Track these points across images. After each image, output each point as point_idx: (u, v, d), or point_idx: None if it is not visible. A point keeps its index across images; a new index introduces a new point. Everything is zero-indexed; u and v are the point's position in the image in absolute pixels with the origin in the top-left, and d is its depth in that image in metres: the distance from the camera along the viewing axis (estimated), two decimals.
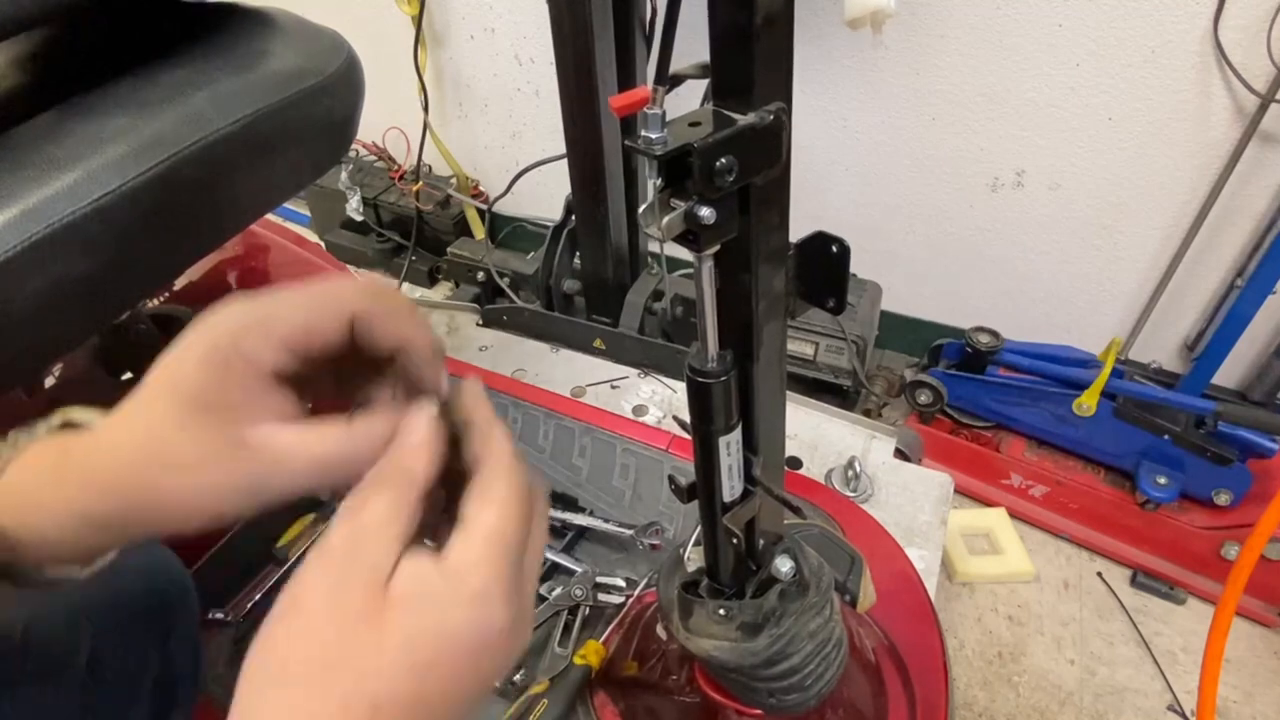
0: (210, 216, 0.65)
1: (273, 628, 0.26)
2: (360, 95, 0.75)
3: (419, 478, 0.28)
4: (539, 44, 1.50)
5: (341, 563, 0.26)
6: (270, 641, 0.26)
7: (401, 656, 0.25)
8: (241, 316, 0.29)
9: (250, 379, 0.28)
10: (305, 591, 0.26)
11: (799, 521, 0.71)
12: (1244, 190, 1.09)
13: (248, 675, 0.26)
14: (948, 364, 1.29)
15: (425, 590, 0.26)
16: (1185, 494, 1.12)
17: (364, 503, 0.27)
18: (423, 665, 0.26)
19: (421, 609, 0.26)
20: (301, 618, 0.26)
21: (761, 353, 0.39)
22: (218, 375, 0.28)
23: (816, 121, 1.31)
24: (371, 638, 0.25)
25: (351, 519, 0.27)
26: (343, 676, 0.25)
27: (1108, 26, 1.05)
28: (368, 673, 0.25)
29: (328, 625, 0.25)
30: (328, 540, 0.27)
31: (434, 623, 0.26)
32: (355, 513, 0.27)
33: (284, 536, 0.87)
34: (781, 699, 0.47)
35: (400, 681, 0.25)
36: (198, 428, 0.28)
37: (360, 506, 0.27)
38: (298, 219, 1.95)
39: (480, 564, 0.27)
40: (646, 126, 0.29)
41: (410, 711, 0.25)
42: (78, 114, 0.57)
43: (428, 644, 0.26)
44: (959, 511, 1.23)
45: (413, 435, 0.29)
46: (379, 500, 0.27)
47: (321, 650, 0.25)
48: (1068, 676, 1.05)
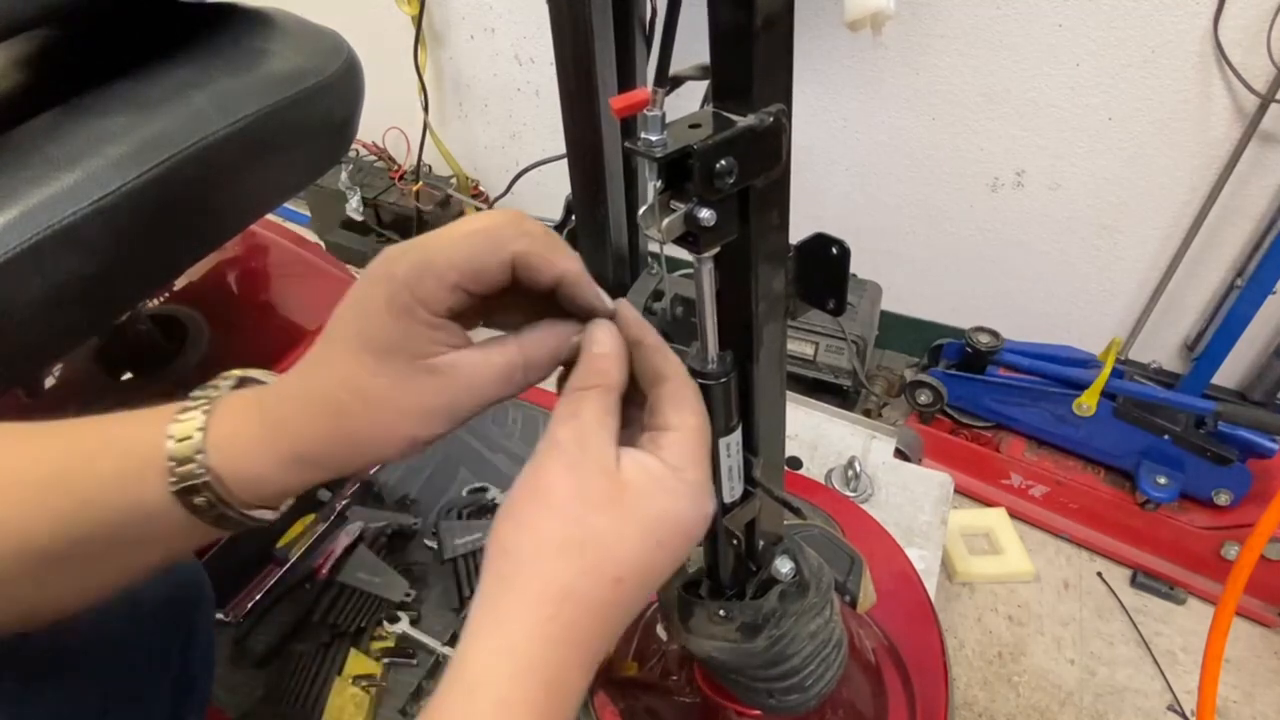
0: (210, 216, 0.65)
1: (520, 509, 0.30)
2: (360, 95, 0.75)
3: (616, 380, 0.32)
4: (539, 44, 1.50)
5: (574, 455, 0.30)
6: (519, 521, 0.30)
7: (639, 536, 0.30)
8: (413, 264, 0.30)
9: (428, 320, 0.31)
10: (546, 479, 0.30)
11: (799, 522, 0.71)
12: (1244, 190, 1.09)
13: (503, 549, 0.30)
14: (948, 364, 1.29)
15: (654, 480, 0.31)
16: (1185, 494, 1.12)
17: (579, 405, 0.31)
18: (654, 544, 0.30)
19: (654, 496, 0.31)
20: (548, 502, 0.30)
21: (762, 354, 0.39)
22: (401, 322, 0.30)
23: (816, 122, 1.31)
24: (614, 520, 0.30)
25: (572, 419, 0.31)
26: (591, 552, 0.29)
27: (1108, 26, 1.05)
28: (613, 549, 0.30)
29: (573, 508, 0.30)
30: (555, 436, 0.31)
31: (664, 508, 0.31)
32: (573, 414, 0.31)
33: (284, 537, 0.88)
34: (781, 699, 0.48)
35: (637, 556, 0.30)
36: (389, 370, 0.31)
37: (577, 408, 0.31)
38: (298, 219, 1.94)
39: (695, 461, 0.32)
40: (646, 128, 0.29)
41: (641, 581, 0.30)
42: (78, 114, 0.57)
43: (659, 526, 0.31)
44: (959, 511, 1.23)
45: (604, 344, 0.33)
46: (590, 402, 0.31)
47: (572, 529, 0.29)
48: (1068, 676, 1.05)
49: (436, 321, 0.31)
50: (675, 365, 0.34)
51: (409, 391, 0.31)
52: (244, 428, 0.32)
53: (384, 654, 0.78)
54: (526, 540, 0.30)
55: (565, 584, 0.29)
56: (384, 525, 0.89)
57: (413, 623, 0.81)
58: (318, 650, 0.79)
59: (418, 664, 0.78)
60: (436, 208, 1.69)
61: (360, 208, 1.73)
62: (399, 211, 1.74)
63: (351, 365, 0.31)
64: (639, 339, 0.34)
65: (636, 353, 0.34)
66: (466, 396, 0.32)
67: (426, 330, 0.30)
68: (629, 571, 0.30)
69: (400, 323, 0.30)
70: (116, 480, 0.32)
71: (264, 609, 0.82)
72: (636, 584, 0.30)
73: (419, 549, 0.89)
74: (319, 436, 0.32)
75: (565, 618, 0.29)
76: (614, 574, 0.29)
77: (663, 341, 0.34)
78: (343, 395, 0.31)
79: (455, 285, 0.30)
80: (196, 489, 0.32)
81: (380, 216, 1.78)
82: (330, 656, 0.78)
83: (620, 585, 0.30)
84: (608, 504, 0.30)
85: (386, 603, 0.82)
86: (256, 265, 1.11)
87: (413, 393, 0.31)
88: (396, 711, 0.74)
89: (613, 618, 0.30)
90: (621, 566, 0.30)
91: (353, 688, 0.75)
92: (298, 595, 0.83)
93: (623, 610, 0.31)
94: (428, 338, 0.31)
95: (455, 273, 0.30)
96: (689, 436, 0.32)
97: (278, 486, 0.33)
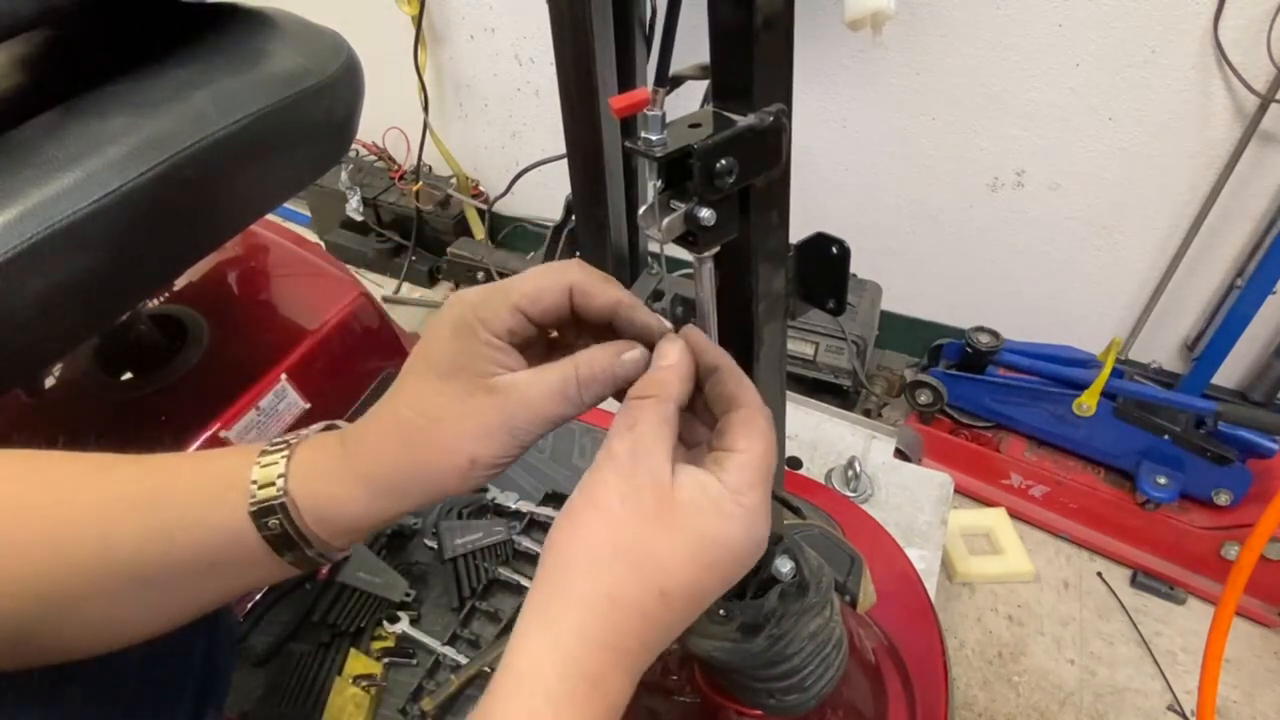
0: (210, 216, 0.65)
1: (575, 517, 0.31)
2: (360, 95, 0.75)
3: (675, 392, 0.33)
4: (539, 44, 1.50)
5: (629, 468, 0.31)
6: (574, 527, 0.31)
7: (690, 554, 0.30)
8: (479, 291, 0.33)
9: (489, 341, 0.33)
10: (602, 492, 0.31)
11: (799, 522, 0.71)
12: (1244, 190, 1.09)
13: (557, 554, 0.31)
14: (948, 364, 1.29)
15: (710, 501, 0.31)
16: (1185, 494, 1.12)
17: (636, 415, 0.32)
18: (704, 564, 0.31)
19: (707, 516, 0.31)
20: (602, 514, 0.31)
21: (762, 353, 0.39)
22: (464, 343, 0.33)
23: (816, 122, 1.31)
24: (665, 536, 0.30)
25: (628, 430, 0.31)
26: (641, 562, 0.30)
27: (1108, 26, 1.05)
28: (663, 564, 0.30)
29: (625, 518, 0.30)
30: (611, 447, 0.31)
31: (716, 530, 0.31)
32: (630, 425, 0.32)
33: None
34: (781, 699, 0.47)
35: (686, 575, 0.30)
36: (452, 389, 0.32)
37: (634, 419, 0.32)
38: (298, 219, 1.95)
39: (754, 486, 0.32)
40: (646, 128, 0.29)
41: (688, 600, 0.31)
42: (78, 114, 0.57)
43: (710, 547, 0.31)
44: (959, 511, 1.23)
45: (669, 357, 0.33)
46: (647, 412, 0.32)
47: (622, 537, 0.30)
48: (1068, 676, 1.05)
49: (497, 343, 0.33)
50: (750, 392, 0.34)
51: (469, 410, 0.32)
52: (323, 457, 0.35)
53: (384, 654, 0.78)
54: (580, 547, 0.30)
55: (613, 589, 0.30)
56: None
57: (413, 623, 0.81)
58: (318, 650, 0.79)
59: (418, 664, 0.78)
60: (436, 208, 1.69)
61: (360, 208, 1.73)
62: (399, 211, 1.74)
63: (419, 387, 0.33)
64: (714, 364, 0.34)
65: (713, 378, 0.34)
66: (523, 413, 0.32)
67: (487, 351, 0.32)
68: (676, 586, 0.30)
69: (463, 343, 0.33)
70: (201, 499, 0.34)
71: (264, 609, 0.82)
72: (683, 601, 0.31)
73: (419, 549, 0.89)
74: (386, 458, 0.33)
75: (610, 621, 0.29)
76: (660, 586, 0.30)
77: (738, 368, 0.35)
78: (409, 415, 0.33)
79: (515, 307, 0.33)
80: (272, 510, 0.33)
81: (380, 216, 1.78)
82: (330, 656, 0.78)
83: (666, 599, 0.30)
84: (660, 516, 0.30)
85: (386, 603, 0.82)
86: (256, 265, 1.11)
87: (472, 411, 0.32)
88: (396, 711, 0.74)
89: (657, 630, 0.31)
90: (669, 580, 0.30)
91: (353, 688, 0.75)
92: (298, 595, 0.83)
93: (666, 626, 0.31)
94: (488, 358, 0.33)
95: (516, 293, 0.33)
96: (752, 461, 0.32)
97: (350, 515, 0.34)
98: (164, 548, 0.33)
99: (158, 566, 0.33)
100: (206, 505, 0.34)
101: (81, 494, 0.34)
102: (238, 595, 0.37)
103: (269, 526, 0.33)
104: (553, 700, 0.28)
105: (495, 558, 0.85)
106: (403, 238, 1.77)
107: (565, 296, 0.34)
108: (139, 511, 0.33)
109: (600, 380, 0.33)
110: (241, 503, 0.33)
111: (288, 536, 0.34)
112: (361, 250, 1.80)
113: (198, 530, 0.34)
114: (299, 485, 0.34)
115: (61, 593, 0.33)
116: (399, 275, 1.76)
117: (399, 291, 1.75)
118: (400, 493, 0.34)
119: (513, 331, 0.33)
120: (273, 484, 0.33)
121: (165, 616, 0.36)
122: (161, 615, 0.36)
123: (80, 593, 0.33)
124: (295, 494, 0.34)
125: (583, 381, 0.33)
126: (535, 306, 0.33)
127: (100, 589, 0.33)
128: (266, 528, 0.33)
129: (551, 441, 0.99)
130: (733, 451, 0.33)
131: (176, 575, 0.34)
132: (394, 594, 0.83)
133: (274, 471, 0.34)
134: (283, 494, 0.33)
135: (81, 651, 0.36)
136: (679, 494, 0.31)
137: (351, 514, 0.34)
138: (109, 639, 0.36)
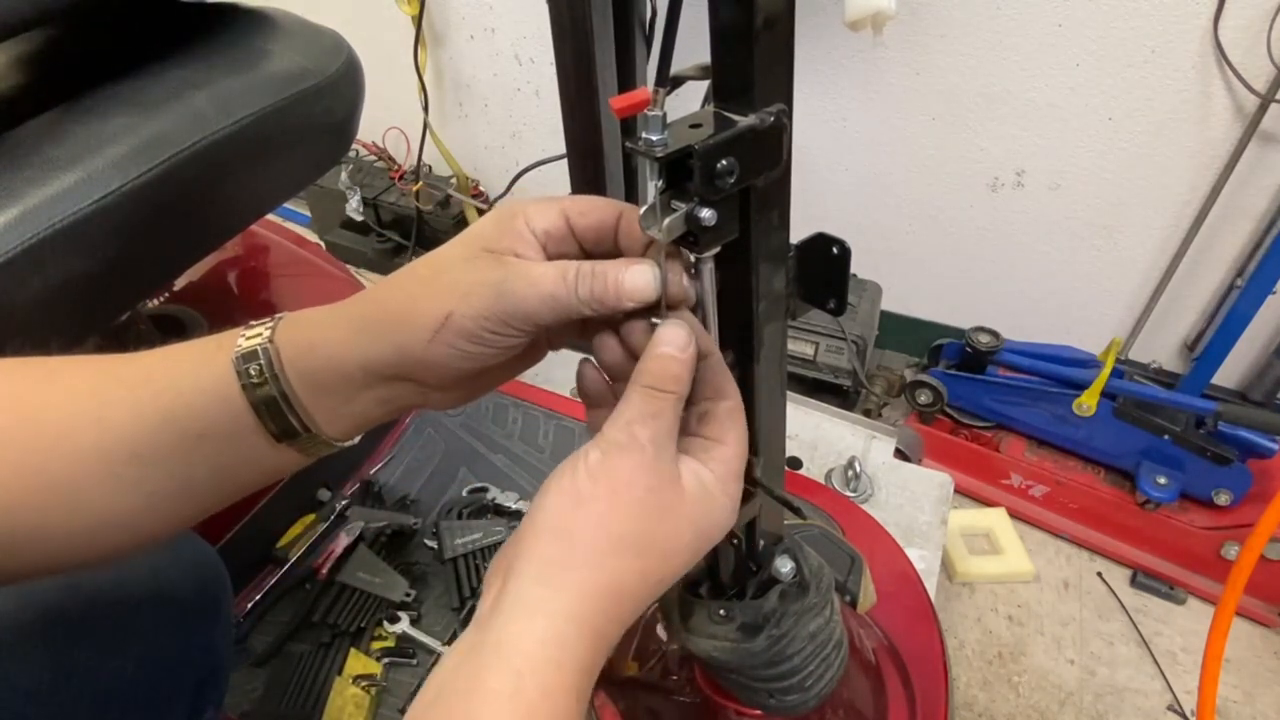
0: (210, 216, 0.65)
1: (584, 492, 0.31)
2: (360, 95, 0.75)
3: (687, 390, 0.33)
4: (539, 44, 1.50)
5: (652, 457, 0.31)
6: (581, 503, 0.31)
7: (690, 545, 0.33)
8: (537, 197, 0.35)
9: (523, 230, 0.33)
10: (623, 474, 0.31)
11: (799, 522, 0.71)
12: (1244, 190, 1.09)
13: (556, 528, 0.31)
14: (948, 364, 1.29)
15: (708, 495, 0.33)
16: (1185, 494, 1.12)
17: (661, 407, 0.32)
18: (694, 552, 0.33)
19: (707, 509, 0.33)
20: (624, 501, 0.31)
21: (762, 353, 0.39)
22: (502, 226, 0.34)
23: (816, 122, 1.31)
24: (676, 527, 0.32)
25: (653, 420, 0.32)
26: (652, 555, 0.31)
27: (1108, 26, 1.05)
28: (669, 555, 0.32)
29: (645, 509, 0.31)
30: (634, 434, 0.32)
31: (708, 519, 0.33)
32: (655, 415, 0.32)
33: (284, 537, 0.88)
34: (781, 699, 0.47)
35: (684, 558, 0.33)
36: (466, 253, 0.33)
37: (659, 410, 0.32)
38: (298, 219, 1.94)
39: (737, 477, 0.35)
40: (647, 128, 0.29)
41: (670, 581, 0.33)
42: (78, 114, 0.57)
43: (704, 534, 0.33)
44: (959, 511, 1.23)
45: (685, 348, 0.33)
46: (670, 408, 0.32)
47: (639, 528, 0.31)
48: (1068, 676, 1.05)
49: (528, 235, 0.33)
50: (732, 384, 0.36)
51: (468, 269, 0.33)
52: (317, 311, 0.35)
53: (384, 654, 0.78)
54: (590, 527, 0.30)
55: (622, 581, 0.31)
56: (384, 525, 0.89)
57: (413, 623, 0.81)
58: (318, 650, 0.79)
59: (418, 664, 0.78)
60: (436, 208, 1.69)
61: (360, 208, 1.73)
62: (399, 211, 1.74)
63: (443, 250, 0.34)
64: (707, 351, 0.35)
65: (703, 364, 0.35)
66: (517, 282, 0.32)
67: (516, 239, 0.33)
68: (672, 574, 0.32)
69: (500, 226, 0.34)
70: (191, 365, 0.34)
71: (264, 609, 0.82)
72: (668, 583, 0.33)
73: (419, 549, 0.89)
74: (377, 296, 0.34)
75: (612, 612, 0.30)
76: (660, 576, 0.32)
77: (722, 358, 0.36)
78: (419, 267, 0.34)
79: (562, 210, 0.34)
80: (254, 355, 0.33)
81: (380, 216, 1.78)
82: (330, 656, 0.78)
83: (660, 585, 0.32)
84: (672, 511, 0.32)
85: (386, 603, 0.82)
86: (256, 265, 1.11)
87: (470, 270, 0.33)
88: (396, 711, 0.74)
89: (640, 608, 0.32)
90: (667, 571, 0.32)
91: (353, 688, 0.75)
92: (298, 595, 0.83)
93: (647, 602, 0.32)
94: (513, 243, 0.33)
95: (567, 200, 0.34)
96: (738, 455, 0.35)
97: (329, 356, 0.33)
98: (156, 423, 0.33)
99: (152, 444, 0.33)
100: (194, 368, 0.34)
101: (78, 384, 0.34)
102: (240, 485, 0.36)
103: (250, 374, 0.33)
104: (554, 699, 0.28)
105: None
106: (403, 238, 1.77)
107: (613, 220, 0.34)
108: (132, 389, 0.33)
109: (599, 278, 0.32)
110: (227, 359, 0.33)
111: (268, 391, 0.33)
112: (361, 250, 1.80)
113: (186, 395, 0.33)
114: (285, 333, 0.34)
115: (66, 484, 0.32)
116: None
117: None
118: (376, 335, 0.33)
119: (549, 233, 0.34)
120: (259, 335, 0.34)
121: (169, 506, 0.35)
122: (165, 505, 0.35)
123: (84, 483, 0.33)
124: (280, 340, 0.33)
125: (583, 272, 0.32)
126: (582, 217, 0.34)
127: (102, 476, 0.33)
128: (248, 375, 0.33)
129: (552, 441, 0.99)
130: (721, 444, 0.34)
131: (170, 451, 0.33)
132: (394, 594, 0.83)
133: (263, 327, 0.34)
134: (268, 343, 0.33)
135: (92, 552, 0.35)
136: (685, 487, 0.32)
137: (331, 355, 0.33)
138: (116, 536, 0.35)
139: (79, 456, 0.32)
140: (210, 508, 0.36)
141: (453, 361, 0.33)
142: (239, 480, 0.36)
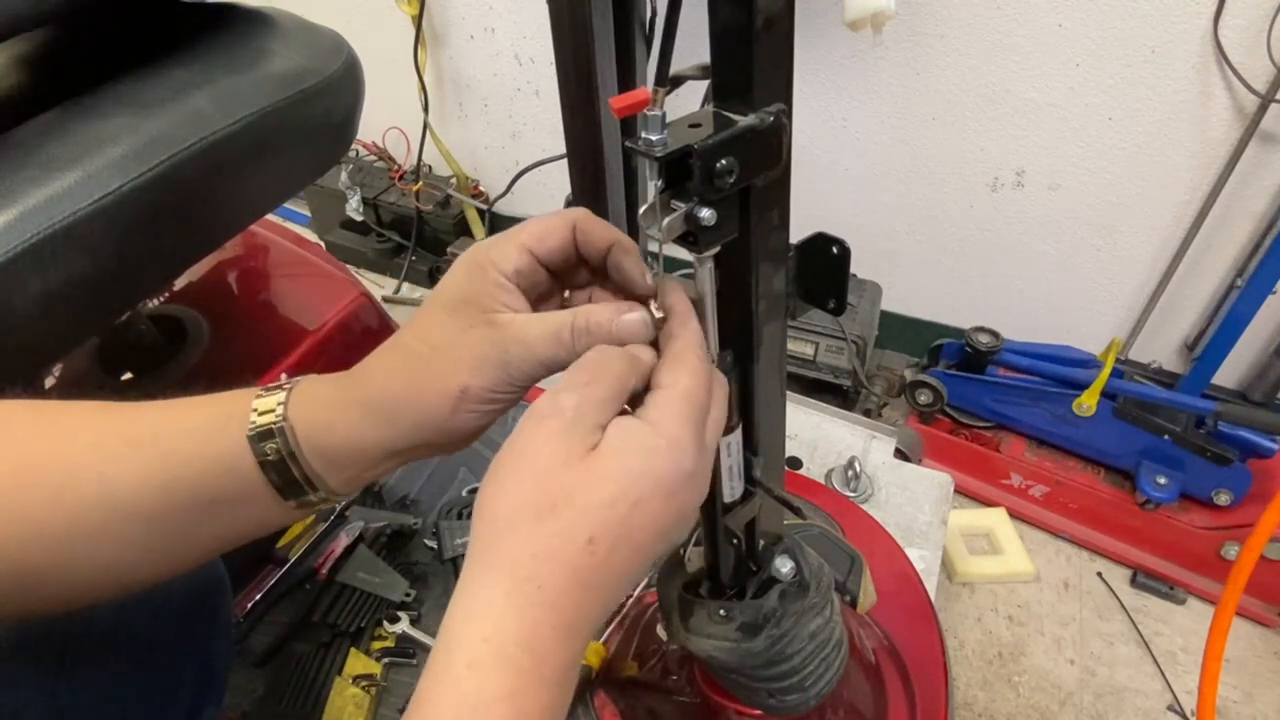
0: (210, 216, 0.65)
1: (501, 472, 0.31)
2: (360, 95, 0.75)
3: (642, 365, 0.33)
4: (539, 44, 1.50)
5: (570, 424, 0.30)
6: (499, 484, 0.30)
7: (613, 494, 0.29)
8: (494, 236, 0.35)
9: (496, 278, 0.34)
10: (531, 442, 0.31)
11: (799, 522, 0.71)
12: (1244, 190, 1.09)
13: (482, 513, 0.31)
14: (948, 364, 1.29)
15: (630, 437, 0.31)
16: (1185, 494, 1.12)
17: (593, 378, 0.31)
18: (629, 503, 0.30)
19: (629, 455, 0.30)
20: (526, 464, 0.30)
21: (762, 353, 0.39)
22: (472, 279, 0.34)
23: (816, 122, 1.31)
24: (583, 476, 0.30)
25: (583, 389, 0.31)
26: (562, 511, 0.29)
27: (1108, 26, 1.05)
28: (586, 508, 0.29)
29: (553, 471, 0.30)
30: (558, 403, 0.31)
31: (639, 465, 0.30)
32: (586, 385, 0.31)
33: (284, 537, 0.87)
34: (781, 699, 0.48)
35: (610, 515, 0.29)
36: (456, 321, 0.34)
37: (590, 380, 0.31)
38: (298, 219, 1.95)
39: (676, 419, 0.31)
40: (647, 128, 0.29)
41: (618, 542, 0.30)
42: (79, 114, 0.57)
43: (634, 484, 0.30)
44: (959, 511, 1.23)
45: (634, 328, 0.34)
46: (606, 378, 0.32)
47: (545, 489, 0.29)
48: (1068, 676, 1.05)
49: (504, 282, 0.34)
50: (689, 330, 0.34)
51: (467, 341, 0.33)
52: (323, 388, 0.36)
53: (384, 654, 0.78)
54: (505, 503, 0.30)
55: (537, 545, 0.29)
56: (384, 525, 0.89)
57: (413, 623, 0.81)
58: (318, 650, 0.79)
59: (418, 664, 0.78)
60: (436, 208, 1.69)
61: (360, 208, 1.73)
62: (399, 211, 1.74)
63: (426, 319, 0.35)
64: (671, 306, 0.35)
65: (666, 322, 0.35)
66: (518, 349, 0.33)
67: (494, 289, 0.34)
68: (601, 531, 0.29)
69: (472, 279, 0.34)
70: (201, 433, 0.34)
71: (264, 609, 0.82)
72: (611, 545, 0.29)
73: (419, 549, 0.89)
74: (383, 381, 0.34)
75: (538, 579, 0.29)
76: (586, 534, 0.29)
77: (691, 311, 0.35)
78: (411, 343, 0.35)
79: (522, 246, 0.34)
80: (270, 434, 0.33)
81: (380, 216, 1.78)
82: (330, 656, 0.78)
83: (594, 546, 0.29)
84: (584, 461, 0.30)
85: (386, 603, 0.82)
86: (256, 265, 1.11)
87: (470, 342, 0.33)
88: (396, 711, 0.74)
89: (593, 582, 0.29)
90: (594, 526, 0.29)
91: (353, 688, 0.75)
92: (298, 595, 0.83)
93: (603, 575, 0.30)
94: (494, 296, 0.34)
95: (524, 234, 0.35)
96: (675, 394, 0.32)
97: (344, 440, 0.34)
98: (163, 484, 0.33)
99: (158, 505, 0.33)
100: (206, 437, 0.34)
101: (80, 435, 0.34)
102: (242, 538, 0.37)
103: (266, 452, 0.33)
104: (475, 666, 0.27)
105: None
106: (403, 238, 1.77)
107: (569, 235, 0.35)
108: (138, 449, 0.33)
109: (595, 334, 0.33)
110: (240, 431, 0.33)
111: (285, 467, 0.34)
112: (361, 250, 1.80)
113: (197, 463, 0.33)
114: (298, 411, 0.34)
115: (66, 535, 0.33)
116: (399, 275, 1.76)
117: (399, 291, 1.75)
118: (393, 418, 0.34)
119: (520, 272, 0.34)
120: (272, 411, 0.34)
121: (173, 559, 0.36)
122: (168, 558, 0.36)
123: (84, 535, 0.33)
124: (294, 419, 0.34)
125: (578, 330, 0.33)
126: (541, 245, 0.35)
127: (104, 530, 0.33)
128: (264, 453, 0.33)
129: None
130: (656, 389, 0.33)
131: (178, 513, 0.34)
132: (394, 594, 0.83)
133: (274, 400, 0.34)
134: (282, 420, 0.34)
135: (94, 596, 0.36)
136: (604, 441, 0.30)
137: (345, 439, 0.34)
138: (118, 583, 0.36)
139: (80, 510, 0.33)
140: (212, 557, 0.37)
141: (471, 424, 0.34)
142: (243, 534, 0.37)
